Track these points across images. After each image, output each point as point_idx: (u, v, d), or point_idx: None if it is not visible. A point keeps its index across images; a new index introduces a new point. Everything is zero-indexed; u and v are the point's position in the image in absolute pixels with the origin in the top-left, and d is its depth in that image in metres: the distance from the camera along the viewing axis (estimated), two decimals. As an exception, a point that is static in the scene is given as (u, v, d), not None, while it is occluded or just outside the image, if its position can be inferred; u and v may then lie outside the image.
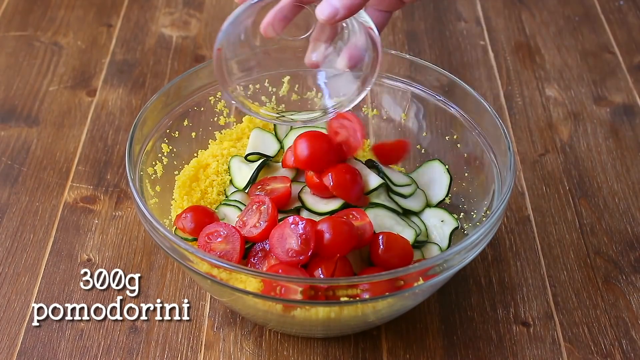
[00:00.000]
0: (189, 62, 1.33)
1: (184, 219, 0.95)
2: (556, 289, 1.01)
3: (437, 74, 1.05)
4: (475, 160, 1.02)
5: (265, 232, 0.91)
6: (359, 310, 0.87)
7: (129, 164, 0.94)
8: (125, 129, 1.21)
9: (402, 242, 0.93)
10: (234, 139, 1.08)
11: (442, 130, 1.07)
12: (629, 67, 1.34)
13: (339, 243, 0.89)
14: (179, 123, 1.05)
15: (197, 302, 0.99)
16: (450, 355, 0.94)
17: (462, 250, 0.85)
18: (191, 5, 1.46)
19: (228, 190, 1.02)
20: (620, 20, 1.44)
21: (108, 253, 1.04)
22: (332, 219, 0.90)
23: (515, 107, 1.26)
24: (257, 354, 0.94)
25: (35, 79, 1.30)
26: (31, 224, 1.07)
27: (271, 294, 0.83)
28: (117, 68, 1.32)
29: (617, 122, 1.24)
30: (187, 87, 1.05)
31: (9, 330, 0.96)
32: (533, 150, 1.19)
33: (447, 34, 1.40)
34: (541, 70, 1.33)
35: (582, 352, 0.94)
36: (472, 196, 1.02)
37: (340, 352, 0.94)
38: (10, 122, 1.22)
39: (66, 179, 1.13)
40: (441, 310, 0.99)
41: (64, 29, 1.40)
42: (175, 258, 0.86)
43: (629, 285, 1.01)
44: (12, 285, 1.00)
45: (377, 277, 0.83)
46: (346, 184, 0.95)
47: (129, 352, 0.94)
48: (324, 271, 0.88)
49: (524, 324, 0.97)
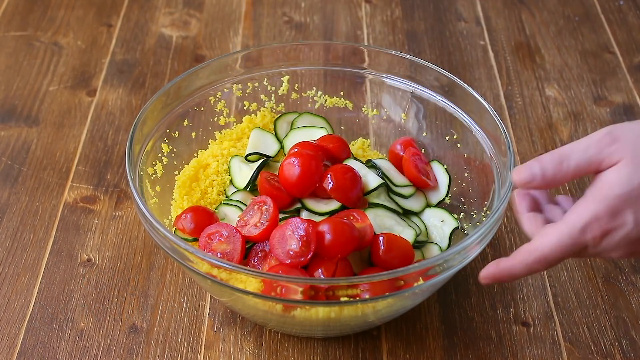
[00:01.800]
0: (189, 62, 1.33)
1: (183, 219, 0.95)
2: (556, 289, 1.01)
3: (437, 74, 1.05)
4: (475, 160, 1.02)
5: (265, 232, 0.91)
6: (359, 310, 0.87)
7: (129, 164, 0.94)
8: (125, 129, 1.21)
9: (403, 242, 0.93)
10: (234, 139, 1.08)
11: (442, 130, 1.07)
12: (629, 67, 1.34)
13: (339, 245, 0.89)
14: (179, 123, 1.05)
15: (197, 302, 0.99)
16: (450, 355, 0.94)
17: (462, 250, 0.85)
18: (191, 5, 1.46)
19: (228, 191, 1.02)
20: (620, 20, 1.44)
21: (108, 253, 1.04)
22: (333, 220, 0.90)
23: (515, 107, 1.26)
24: (257, 354, 0.94)
25: (35, 79, 1.30)
26: (31, 224, 1.07)
27: (271, 294, 0.83)
28: (117, 68, 1.32)
29: (617, 122, 1.23)
30: (187, 87, 1.05)
31: (9, 330, 0.96)
32: (533, 150, 1.19)
33: (447, 34, 1.41)
34: (541, 70, 1.33)
35: (582, 352, 0.94)
36: (472, 196, 1.02)
37: (340, 352, 0.94)
38: (10, 122, 1.22)
39: (66, 179, 1.13)
40: (441, 310, 0.99)
41: (64, 29, 1.40)
42: (175, 258, 0.86)
43: (629, 285, 1.01)
44: (12, 285, 1.00)
45: (377, 277, 0.83)
46: (346, 187, 0.95)
47: (129, 352, 0.94)
48: (324, 271, 0.89)
49: (524, 324, 0.97)
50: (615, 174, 0.73)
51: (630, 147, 0.73)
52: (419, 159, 1.03)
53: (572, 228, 0.74)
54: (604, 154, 0.74)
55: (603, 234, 0.74)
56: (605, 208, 0.73)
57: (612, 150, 0.74)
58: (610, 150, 0.74)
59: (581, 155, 0.75)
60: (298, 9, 1.45)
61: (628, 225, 0.73)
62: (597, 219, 0.74)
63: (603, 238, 0.74)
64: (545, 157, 0.77)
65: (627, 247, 0.75)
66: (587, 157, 0.75)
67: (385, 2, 1.47)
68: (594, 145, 0.75)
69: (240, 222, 0.94)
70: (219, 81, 1.08)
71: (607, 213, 0.73)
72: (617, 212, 0.73)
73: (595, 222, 0.74)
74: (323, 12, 1.44)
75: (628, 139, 0.73)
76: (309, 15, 1.44)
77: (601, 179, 0.74)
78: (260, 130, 1.08)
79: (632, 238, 0.74)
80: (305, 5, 1.46)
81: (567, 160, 0.76)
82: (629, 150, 0.73)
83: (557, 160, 0.76)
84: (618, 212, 0.73)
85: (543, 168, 0.77)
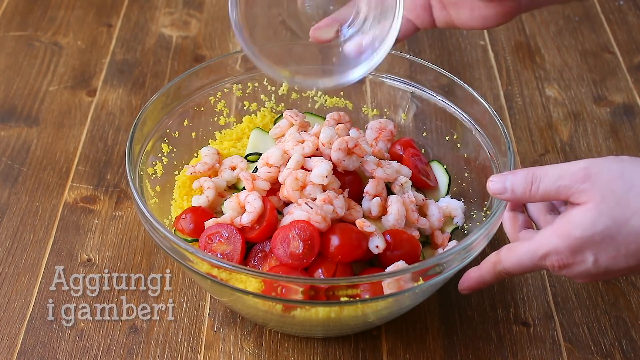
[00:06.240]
0: (189, 62, 1.33)
1: (183, 220, 0.95)
2: (556, 289, 1.01)
3: (437, 74, 1.05)
4: (475, 160, 1.02)
5: (263, 231, 0.91)
6: (359, 310, 0.87)
7: (129, 164, 0.94)
8: (125, 129, 1.21)
9: (410, 239, 0.93)
10: (234, 139, 1.08)
11: (442, 130, 1.07)
12: (629, 67, 1.34)
13: (345, 251, 0.89)
14: (179, 123, 1.05)
15: (197, 302, 0.99)
16: (450, 355, 0.94)
17: (462, 250, 0.85)
18: (191, 5, 1.46)
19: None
20: (620, 20, 1.44)
21: (108, 253, 1.04)
22: (340, 226, 0.90)
23: (515, 107, 1.26)
24: (257, 354, 0.94)
25: (35, 79, 1.30)
26: (31, 224, 1.07)
27: (271, 294, 0.83)
28: (117, 68, 1.32)
29: (617, 122, 1.24)
30: (187, 87, 1.05)
31: (9, 330, 0.95)
32: (533, 150, 1.19)
33: (447, 34, 1.40)
34: (541, 70, 1.33)
35: (582, 352, 0.94)
36: (472, 196, 1.02)
37: (340, 352, 0.94)
38: (10, 122, 1.22)
39: (66, 179, 1.13)
40: (441, 310, 0.99)
41: (64, 29, 1.40)
42: (175, 258, 0.86)
43: (629, 285, 1.01)
44: (12, 285, 1.00)
45: (377, 277, 0.83)
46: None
47: (129, 352, 0.94)
48: (324, 272, 0.89)
49: (524, 324, 0.97)
50: (580, 216, 0.75)
51: (600, 192, 0.74)
52: (418, 160, 1.03)
53: (534, 254, 0.78)
54: (573, 190, 0.76)
55: (561, 266, 0.77)
56: (566, 246, 0.76)
57: (582, 188, 0.75)
58: (581, 188, 0.75)
59: (551, 183, 0.77)
60: (298, 9, 1.45)
61: (587, 263, 0.76)
62: (557, 252, 0.77)
63: (562, 269, 0.78)
64: (519, 173, 0.80)
65: (587, 279, 0.78)
66: (556, 187, 0.77)
67: (385, 2, 1.47)
68: (567, 178, 0.76)
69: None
70: (219, 81, 1.08)
71: (567, 250, 0.76)
72: (577, 251, 0.76)
73: (555, 255, 0.77)
74: (323, 12, 1.44)
75: (600, 180, 0.75)
76: (309, 15, 1.44)
77: (568, 215, 0.76)
78: (260, 130, 1.08)
79: (592, 273, 0.77)
80: (305, 5, 1.46)
81: (536, 182, 0.78)
82: (598, 194, 0.74)
83: (528, 180, 0.79)
84: (578, 251, 0.76)
85: (513, 185, 0.80)
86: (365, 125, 1.09)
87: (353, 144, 0.95)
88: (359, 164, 0.97)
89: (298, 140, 0.98)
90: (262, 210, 0.92)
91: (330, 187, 0.94)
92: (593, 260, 0.75)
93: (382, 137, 1.07)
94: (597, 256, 0.75)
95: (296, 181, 0.93)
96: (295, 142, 0.97)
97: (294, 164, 0.95)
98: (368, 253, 0.91)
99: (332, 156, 0.95)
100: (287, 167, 0.95)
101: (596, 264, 0.76)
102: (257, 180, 0.96)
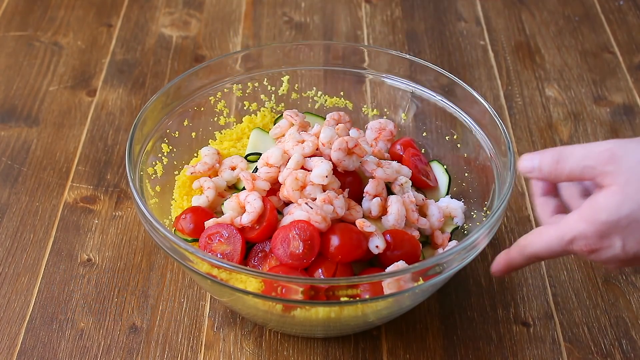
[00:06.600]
0: (189, 62, 1.33)
1: (183, 220, 0.95)
2: (556, 289, 1.01)
3: (437, 74, 1.05)
4: (475, 160, 1.02)
5: (263, 231, 0.91)
6: (359, 310, 0.87)
7: (129, 164, 0.94)
8: (125, 129, 1.21)
9: (410, 239, 0.93)
10: (234, 139, 1.09)
11: (442, 130, 1.07)
12: (629, 67, 1.34)
13: (345, 251, 0.89)
14: (179, 123, 1.05)
15: (197, 302, 0.99)
16: (450, 355, 0.94)
17: (462, 250, 0.85)
18: (191, 5, 1.46)
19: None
20: (620, 20, 1.44)
21: (108, 253, 1.04)
22: (340, 226, 0.90)
23: (515, 107, 1.26)
24: (257, 354, 0.94)
25: (35, 79, 1.30)
26: (31, 224, 1.07)
27: (271, 294, 0.83)
28: (117, 68, 1.32)
29: (617, 122, 1.24)
30: (187, 87, 1.05)
31: (9, 330, 0.96)
32: (533, 150, 1.19)
33: (447, 34, 1.41)
34: (541, 70, 1.33)
35: (582, 352, 0.94)
36: (472, 196, 1.02)
37: (340, 352, 0.94)
38: (10, 122, 1.22)
39: (66, 179, 1.13)
40: (441, 310, 0.99)
41: (64, 29, 1.40)
42: (175, 258, 0.86)
43: (629, 285, 1.01)
44: (12, 285, 1.00)
45: (377, 277, 0.83)
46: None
47: (129, 352, 0.94)
48: (324, 272, 0.89)
49: (524, 324, 0.97)
50: (605, 200, 0.74)
51: (625, 174, 0.73)
52: (418, 160, 1.03)
53: (562, 238, 0.77)
54: (598, 170, 0.75)
55: (590, 251, 0.76)
56: (593, 230, 0.75)
57: (607, 170, 0.74)
58: (606, 170, 0.74)
59: (576, 163, 0.76)
60: (298, 9, 1.45)
61: (616, 248, 0.75)
62: (585, 237, 0.75)
63: (590, 254, 0.76)
64: (547, 152, 0.78)
65: (616, 264, 0.77)
66: (582, 167, 0.76)
67: (385, 2, 1.47)
68: (592, 158, 0.75)
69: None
70: (219, 81, 1.08)
71: (594, 235, 0.75)
72: (604, 235, 0.75)
73: (582, 240, 0.76)
74: (323, 12, 1.44)
75: (626, 163, 0.73)
76: (309, 16, 1.44)
77: (594, 199, 0.75)
78: (260, 130, 1.08)
79: (621, 258, 0.75)
80: (305, 5, 1.46)
81: (563, 162, 0.77)
82: (623, 177, 0.73)
83: (555, 159, 0.77)
84: (605, 236, 0.75)
85: (541, 163, 0.78)
86: (365, 125, 1.09)
87: (353, 144, 0.95)
88: (359, 164, 0.97)
89: (298, 140, 0.98)
90: (262, 210, 0.92)
91: (330, 187, 0.94)
92: (621, 245, 0.74)
93: (382, 137, 1.07)
94: (625, 241, 0.74)
95: (296, 181, 0.93)
96: (295, 142, 0.97)
97: (294, 164, 0.95)
98: (368, 253, 0.91)
99: (332, 156, 0.95)
100: (287, 167, 0.95)
101: (624, 249, 0.74)
102: (257, 180, 0.96)
